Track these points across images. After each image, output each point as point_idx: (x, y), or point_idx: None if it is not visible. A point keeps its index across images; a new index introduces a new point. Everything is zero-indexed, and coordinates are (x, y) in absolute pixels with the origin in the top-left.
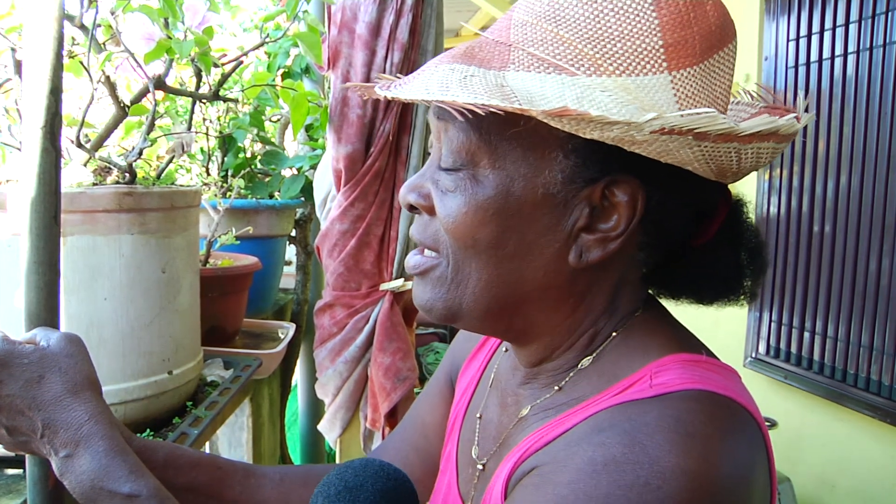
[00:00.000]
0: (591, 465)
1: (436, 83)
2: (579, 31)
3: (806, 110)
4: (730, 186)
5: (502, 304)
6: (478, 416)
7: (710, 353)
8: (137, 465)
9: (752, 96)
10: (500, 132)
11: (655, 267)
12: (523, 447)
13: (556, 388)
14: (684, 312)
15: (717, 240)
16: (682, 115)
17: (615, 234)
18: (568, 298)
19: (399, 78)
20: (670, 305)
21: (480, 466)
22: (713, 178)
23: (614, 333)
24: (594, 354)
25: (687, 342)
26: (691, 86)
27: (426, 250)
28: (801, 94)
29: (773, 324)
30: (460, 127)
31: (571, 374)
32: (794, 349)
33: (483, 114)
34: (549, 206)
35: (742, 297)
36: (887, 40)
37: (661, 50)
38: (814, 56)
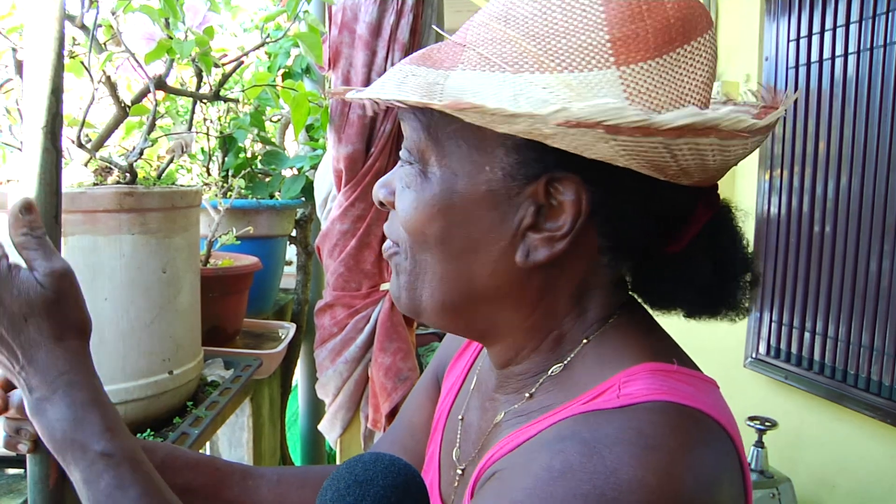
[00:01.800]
0: (548, 471)
1: (379, 83)
2: (525, 29)
3: (807, 110)
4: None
5: (457, 301)
6: (460, 417)
7: (685, 362)
8: (115, 423)
9: (756, 97)
10: (444, 129)
11: (637, 275)
12: (490, 453)
13: (527, 394)
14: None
15: (692, 248)
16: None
17: (561, 233)
18: (522, 298)
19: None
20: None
21: (460, 471)
22: (659, 177)
23: (585, 340)
24: (565, 362)
25: (660, 350)
26: (646, 81)
27: (392, 243)
28: (790, 91)
29: (773, 324)
30: (412, 125)
31: (542, 381)
32: (794, 349)
33: (429, 111)
34: (493, 203)
35: (727, 312)
36: (888, 41)
37: (608, 45)
38: (814, 56)
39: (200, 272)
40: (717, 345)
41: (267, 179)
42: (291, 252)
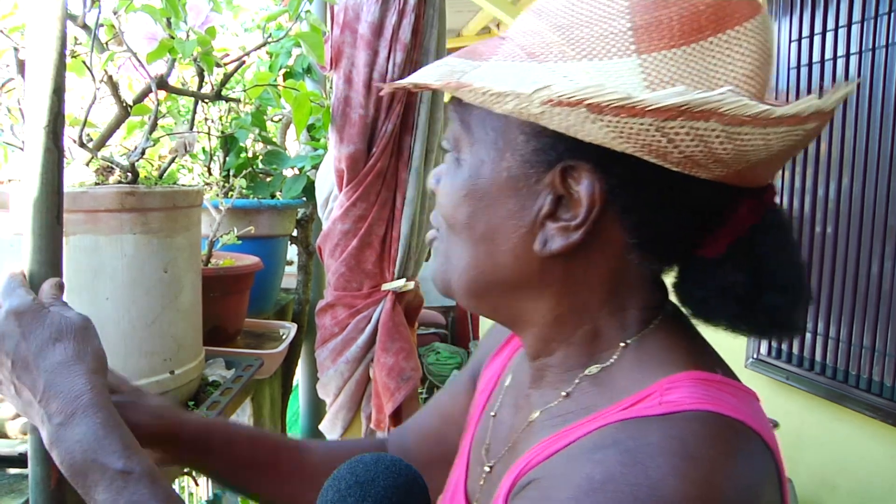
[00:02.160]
0: (588, 482)
1: (419, 73)
2: (552, 20)
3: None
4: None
5: (482, 285)
6: (492, 414)
7: (728, 373)
8: (132, 441)
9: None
10: (475, 118)
11: (678, 278)
12: (527, 458)
13: (564, 393)
14: None
15: (730, 253)
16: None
17: (575, 223)
18: (545, 287)
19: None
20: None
21: (488, 468)
22: (668, 166)
23: (624, 344)
24: (604, 364)
25: (704, 359)
26: (669, 70)
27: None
28: (827, 86)
29: None
30: (451, 116)
31: (579, 380)
32: (795, 350)
33: (464, 101)
34: (513, 190)
35: (772, 328)
36: (889, 41)
37: (630, 32)
38: (816, 57)
39: (202, 272)
40: (718, 345)
41: (268, 179)
42: (292, 252)
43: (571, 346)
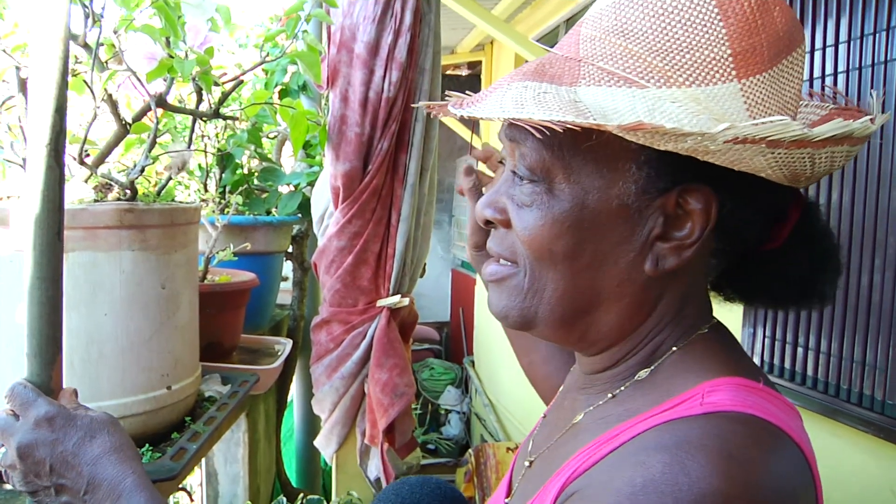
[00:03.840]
0: (630, 486)
1: (510, 101)
2: (648, 44)
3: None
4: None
5: (576, 313)
6: (543, 416)
7: (770, 384)
8: None
9: (820, 97)
10: (572, 147)
11: (723, 272)
12: (573, 465)
13: (611, 395)
14: None
15: (789, 243)
16: (755, 125)
17: (689, 241)
18: (643, 307)
19: (469, 95)
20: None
21: (527, 463)
22: (786, 184)
23: (675, 348)
24: (652, 367)
25: (746, 368)
26: (761, 92)
27: (502, 259)
28: (874, 93)
29: (766, 339)
30: (534, 144)
31: (627, 385)
32: (787, 365)
33: (561, 131)
34: (623, 216)
35: (816, 300)
36: (876, 60)
37: (730, 59)
38: (804, 75)
39: (199, 288)
40: None
41: (264, 196)
42: (288, 268)
43: (636, 357)
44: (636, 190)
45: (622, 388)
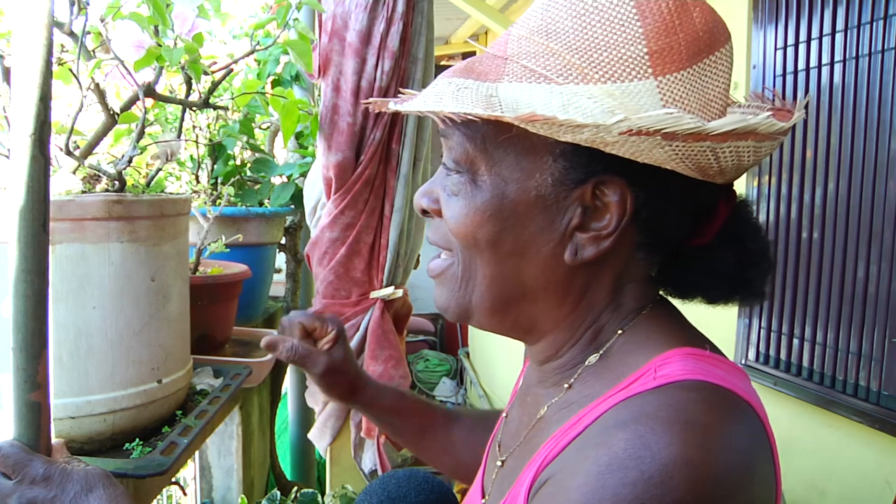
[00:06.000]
0: (596, 465)
1: (432, 96)
2: (568, 43)
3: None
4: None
5: (506, 301)
6: (504, 415)
7: (715, 349)
8: None
9: (761, 99)
10: (494, 140)
11: (664, 267)
12: (542, 454)
13: (567, 385)
14: None
15: (717, 240)
16: (648, 116)
17: (607, 232)
18: (568, 295)
19: (417, 94)
20: (682, 307)
21: (499, 463)
22: (698, 178)
23: (620, 331)
24: (601, 351)
25: (692, 337)
26: (679, 90)
27: (443, 253)
28: (801, 96)
29: (762, 330)
30: (460, 138)
31: (580, 371)
32: (783, 356)
33: (478, 121)
34: (542, 206)
35: (748, 297)
36: (872, 49)
37: (646, 57)
38: (801, 65)
39: (190, 280)
40: None
41: (256, 187)
42: (281, 260)
43: (578, 344)
44: (552, 181)
45: (575, 375)
